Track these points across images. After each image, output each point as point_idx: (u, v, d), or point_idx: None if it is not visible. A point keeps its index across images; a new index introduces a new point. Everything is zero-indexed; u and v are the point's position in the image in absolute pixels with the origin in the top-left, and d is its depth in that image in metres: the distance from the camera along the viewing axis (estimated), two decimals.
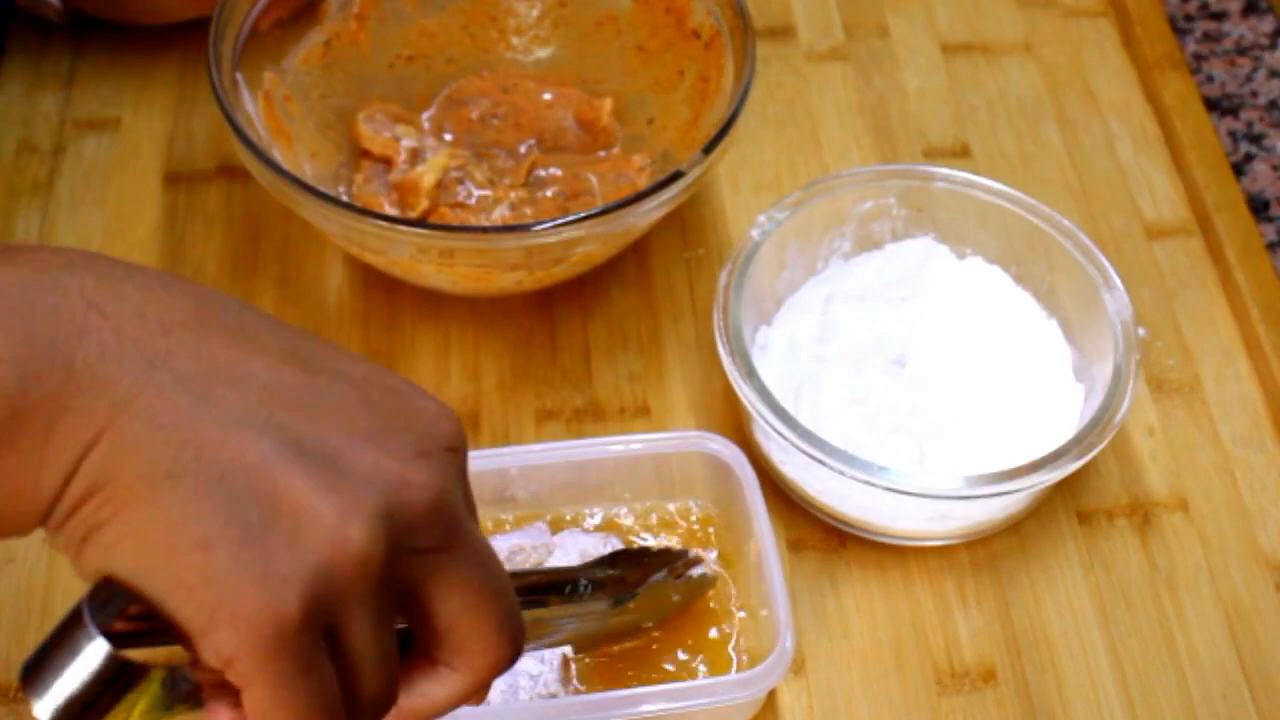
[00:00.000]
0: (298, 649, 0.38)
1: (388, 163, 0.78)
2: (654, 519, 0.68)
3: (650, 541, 0.68)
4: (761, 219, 0.73)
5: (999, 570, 0.69)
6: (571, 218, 0.67)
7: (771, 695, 0.65)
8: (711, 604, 0.66)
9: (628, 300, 0.78)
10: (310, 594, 0.38)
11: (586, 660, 0.64)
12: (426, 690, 0.44)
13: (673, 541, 0.68)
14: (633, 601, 0.60)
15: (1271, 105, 0.89)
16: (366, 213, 0.68)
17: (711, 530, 0.68)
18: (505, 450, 0.68)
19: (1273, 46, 0.92)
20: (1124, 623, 0.68)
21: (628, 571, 0.61)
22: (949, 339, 0.72)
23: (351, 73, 0.81)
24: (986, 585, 0.69)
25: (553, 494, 0.68)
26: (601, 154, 0.80)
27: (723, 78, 0.76)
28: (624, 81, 0.82)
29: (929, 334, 0.72)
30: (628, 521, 0.68)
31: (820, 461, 0.65)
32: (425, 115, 0.82)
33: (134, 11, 0.85)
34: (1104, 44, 0.91)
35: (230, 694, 0.40)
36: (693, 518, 0.68)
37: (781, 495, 0.70)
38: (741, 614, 0.65)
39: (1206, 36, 0.93)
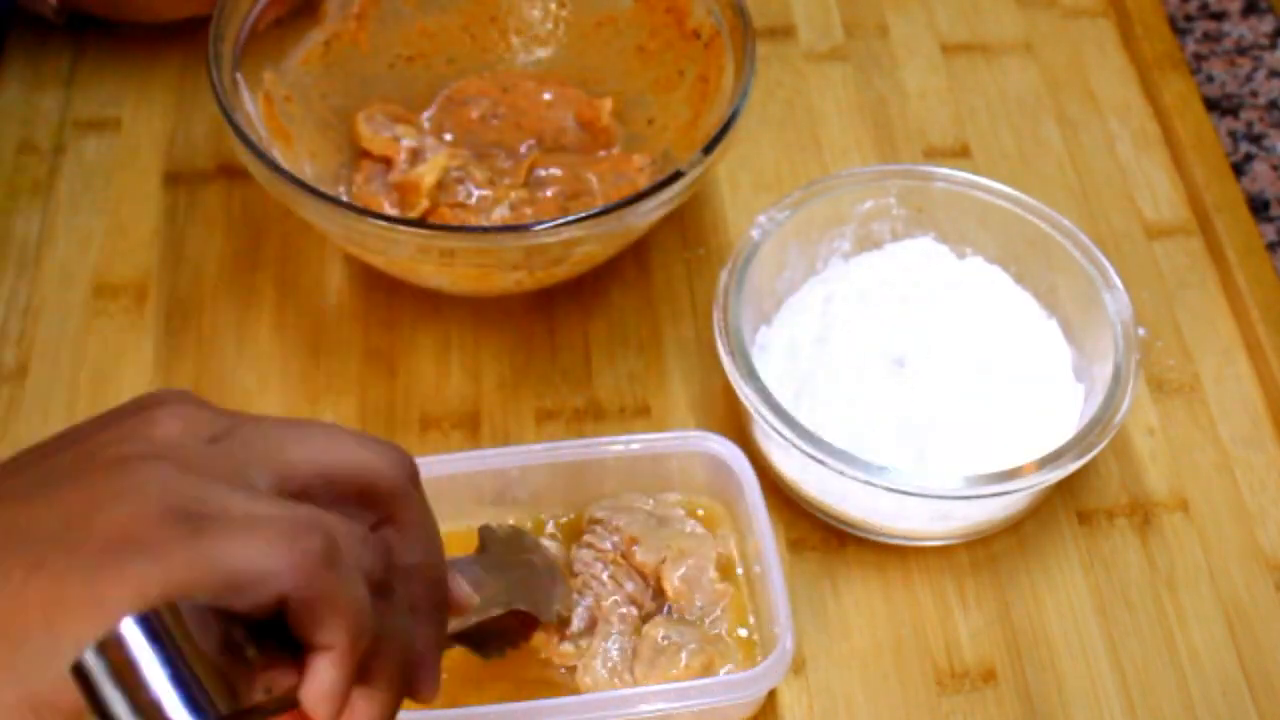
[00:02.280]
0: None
1: (388, 163, 0.78)
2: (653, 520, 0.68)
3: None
4: (761, 219, 0.73)
5: (999, 570, 0.69)
6: (571, 218, 0.67)
7: (771, 695, 0.65)
8: (715, 584, 0.66)
9: (628, 300, 0.78)
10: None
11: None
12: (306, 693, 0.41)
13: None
14: None
15: (1271, 105, 0.89)
16: (366, 213, 0.68)
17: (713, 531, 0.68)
18: (505, 450, 0.68)
19: (1273, 46, 0.92)
20: (1124, 623, 0.68)
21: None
22: (949, 339, 0.72)
23: (351, 73, 0.81)
24: (986, 585, 0.69)
25: (553, 494, 0.68)
26: (601, 154, 0.80)
27: (723, 78, 0.76)
28: (624, 81, 0.82)
29: (929, 334, 0.72)
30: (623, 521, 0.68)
31: (820, 461, 0.65)
32: (425, 115, 0.82)
33: (131, 10, 0.85)
34: (1104, 44, 0.91)
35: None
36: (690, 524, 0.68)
37: (781, 495, 0.70)
38: (730, 599, 0.66)
39: (1206, 36, 0.93)
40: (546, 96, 0.82)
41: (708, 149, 0.70)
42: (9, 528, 0.40)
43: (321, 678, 0.40)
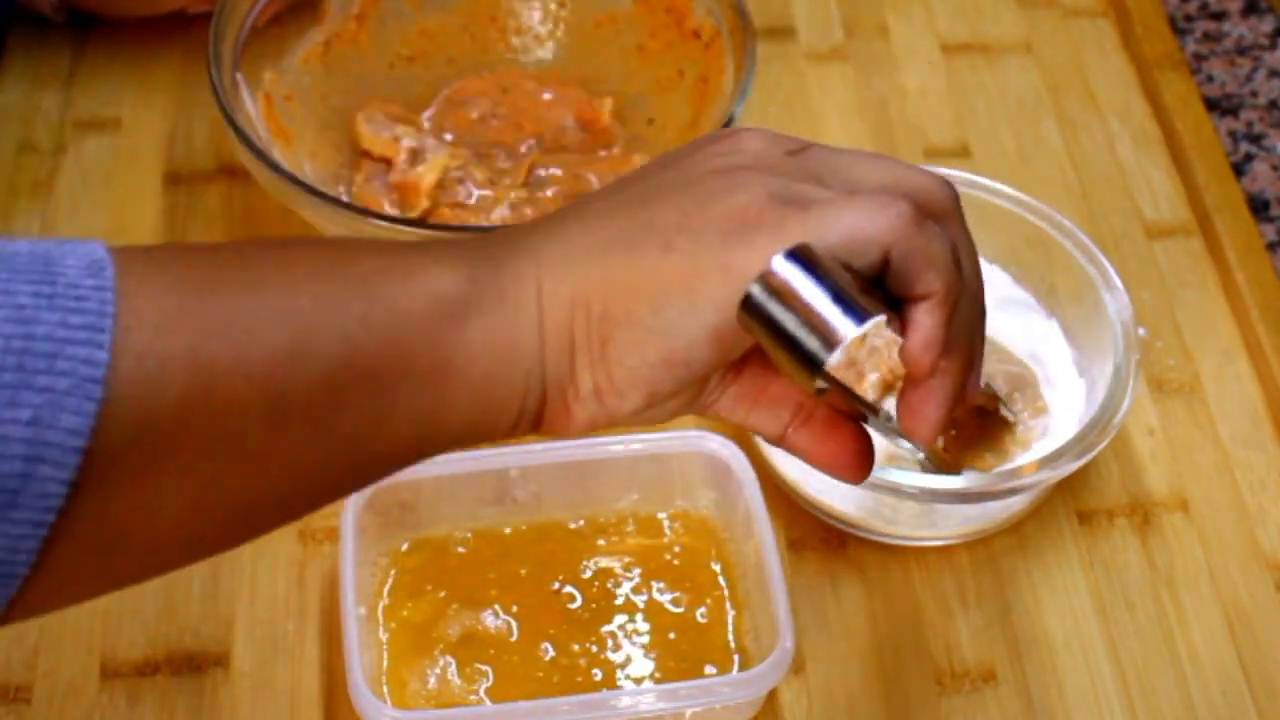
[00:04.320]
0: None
1: (388, 163, 0.78)
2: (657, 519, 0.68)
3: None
4: None
5: (999, 570, 0.69)
6: None
7: (771, 695, 0.65)
8: (712, 597, 0.66)
9: None
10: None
11: None
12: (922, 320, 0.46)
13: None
14: None
15: (1271, 105, 0.89)
16: (366, 213, 0.68)
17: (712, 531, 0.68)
18: (505, 450, 0.68)
19: (1273, 46, 0.92)
20: (1124, 623, 0.68)
21: None
22: None
23: (351, 73, 0.81)
24: (986, 585, 0.69)
25: (553, 494, 0.68)
26: (601, 154, 0.80)
27: (723, 78, 0.76)
28: (624, 81, 0.82)
29: None
30: (627, 526, 0.68)
31: None
32: (425, 115, 0.82)
33: (130, 5, 0.85)
34: (1104, 44, 0.91)
35: None
36: (691, 519, 0.68)
37: (781, 495, 0.70)
38: (735, 611, 0.66)
39: (1206, 36, 0.93)
40: (546, 96, 0.82)
41: None
42: (633, 223, 0.45)
43: (923, 323, 0.45)
